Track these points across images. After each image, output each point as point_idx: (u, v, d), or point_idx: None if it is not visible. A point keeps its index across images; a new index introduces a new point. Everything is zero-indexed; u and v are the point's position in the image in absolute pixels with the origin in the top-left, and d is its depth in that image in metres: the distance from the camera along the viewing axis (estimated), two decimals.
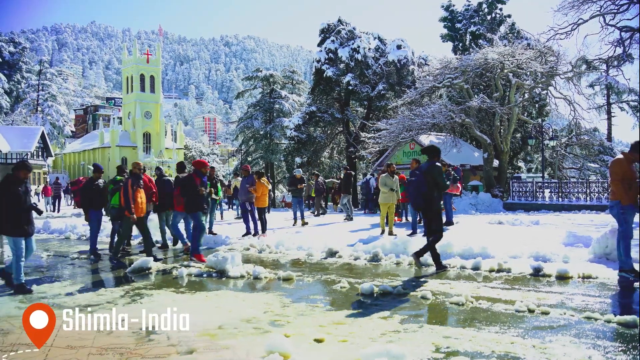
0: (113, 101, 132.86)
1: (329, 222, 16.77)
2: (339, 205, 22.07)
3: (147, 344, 4.76)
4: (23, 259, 7.29)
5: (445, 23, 41.83)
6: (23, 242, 7.26)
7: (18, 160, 63.14)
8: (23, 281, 7.26)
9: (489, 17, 40.08)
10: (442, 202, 10.71)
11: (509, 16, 39.96)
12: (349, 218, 17.03)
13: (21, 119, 73.70)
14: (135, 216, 9.58)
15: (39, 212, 7.76)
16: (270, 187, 14.71)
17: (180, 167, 11.58)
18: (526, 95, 27.92)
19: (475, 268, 8.14)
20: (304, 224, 15.84)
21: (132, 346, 4.71)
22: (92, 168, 11.31)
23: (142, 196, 9.88)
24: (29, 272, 9.06)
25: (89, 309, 6.14)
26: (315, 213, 20.57)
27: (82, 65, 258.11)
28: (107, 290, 7.24)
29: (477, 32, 38.52)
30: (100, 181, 10.79)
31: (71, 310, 6.05)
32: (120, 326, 5.33)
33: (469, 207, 20.77)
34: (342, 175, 21.07)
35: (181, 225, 11.47)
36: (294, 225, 15.90)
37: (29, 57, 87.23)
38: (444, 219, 14.58)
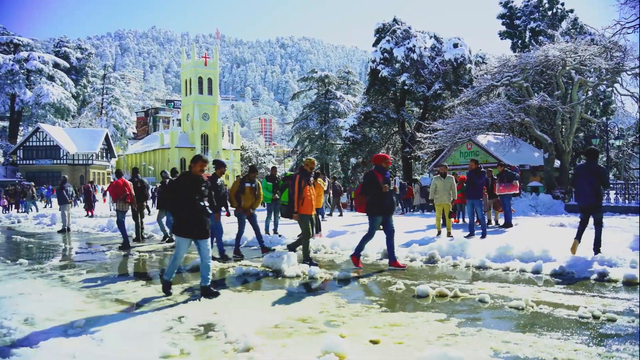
0: (172, 103, 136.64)
1: None
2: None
3: (205, 341, 4.86)
4: (179, 261, 6.89)
5: (504, 20, 40.90)
6: (187, 243, 6.77)
7: (84, 161, 66.07)
8: (170, 280, 6.89)
9: (549, 13, 38.89)
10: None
11: (571, 11, 38.69)
12: None
13: (87, 122, 77.12)
14: (298, 214, 9.02)
15: (208, 215, 7.07)
16: (325, 187, 14.74)
17: (173, 172, 12.78)
18: (590, 93, 26.90)
19: (536, 271, 7.91)
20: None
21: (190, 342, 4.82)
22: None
23: (312, 193, 9.30)
24: (94, 268, 9.45)
25: (151, 305, 6.34)
26: (330, 214, 20.70)
27: (143, 69, 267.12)
28: None
29: (537, 28, 37.49)
30: (221, 179, 10.03)
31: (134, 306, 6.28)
32: (179, 323, 5.48)
33: (529, 208, 20.20)
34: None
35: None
36: None
37: (94, 62, 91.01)
38: (502, 221, 14.29)
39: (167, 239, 13.16)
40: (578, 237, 8.72)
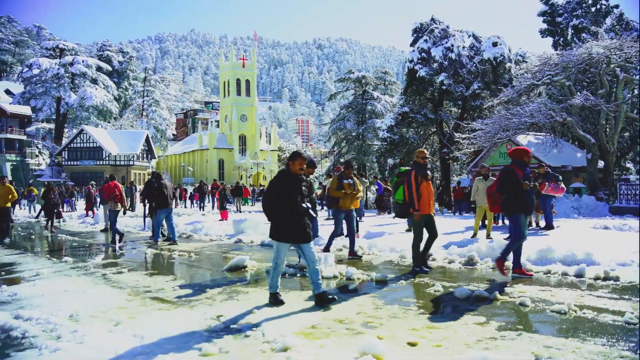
0: (211, 105, 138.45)
1: None
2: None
3: (243, 340, 4.91)
4: (281, 268, 6.37)
5: (545, 17, 40.02)
6: (287, 248, 6.31)
7: (126, 161, 67.61)
8: (277, 290, 6.37)
9: (593, 9, 37.89)
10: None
11: (616, 7, 37.56)
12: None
13: (128, 124, 79.06)
14: (419, 213, 8.23)
15: (311, 218, 6.44)
16: (362, 188, 14.64)
17: (157, 177, 13.71)
18: (636, 91, 26.07)
19: (579, 275, 7.70)
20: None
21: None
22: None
23: (429, 190, 8.42)
24: (135, 267, 9.65)
25: (190, 304, 6.43)
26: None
27: (182, 71, 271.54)
28: (206, 287, 7.55)
29: (580, 25, 36.57)
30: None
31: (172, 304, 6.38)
32: (217, 322, 5.55)
33: (571, 210, 19.71)
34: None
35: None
36: (406, 231, 14.07)
37: (135, 66, 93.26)
38: (543, 223, 13.97)
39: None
40: None
